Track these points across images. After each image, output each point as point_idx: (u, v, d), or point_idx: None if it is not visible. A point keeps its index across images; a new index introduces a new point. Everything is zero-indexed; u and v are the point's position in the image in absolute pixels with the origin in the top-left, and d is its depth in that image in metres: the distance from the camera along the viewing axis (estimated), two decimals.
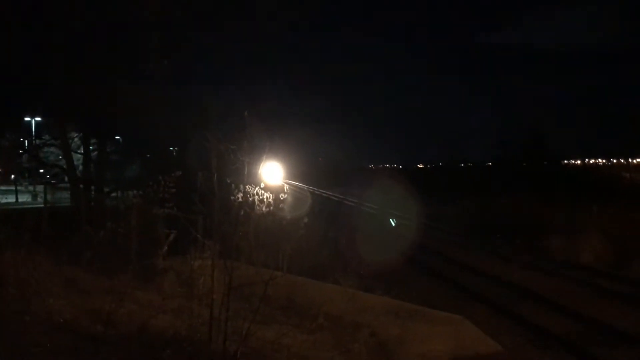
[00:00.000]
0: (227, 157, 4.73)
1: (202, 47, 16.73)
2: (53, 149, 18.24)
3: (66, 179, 17.94)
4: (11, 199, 31.22)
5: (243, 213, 4.82)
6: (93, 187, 16.78)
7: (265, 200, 6.07)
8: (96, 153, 17.68)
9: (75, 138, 17.53)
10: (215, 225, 4.62)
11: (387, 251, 15.40)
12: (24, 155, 20.07)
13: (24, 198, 31.60)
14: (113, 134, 19.07)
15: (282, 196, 6.37)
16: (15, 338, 3.76)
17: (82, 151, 17.63)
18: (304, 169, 62.11)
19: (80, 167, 17.55)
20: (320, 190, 48.65)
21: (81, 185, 16.50)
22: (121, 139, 20.22)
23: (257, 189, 5.87)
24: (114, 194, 18.04)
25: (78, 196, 15.48)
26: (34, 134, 22.35)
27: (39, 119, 23.09)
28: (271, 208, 6.07)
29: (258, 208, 5.57)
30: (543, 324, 8.93)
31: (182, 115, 16.30)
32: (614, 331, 8.55)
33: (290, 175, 42.86)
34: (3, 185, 30.13)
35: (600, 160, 69.22)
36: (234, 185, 4.90)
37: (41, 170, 22.43)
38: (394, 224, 22.84)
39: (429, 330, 6.18)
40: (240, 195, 4.90)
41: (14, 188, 32.43)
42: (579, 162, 59.52)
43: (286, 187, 6.87)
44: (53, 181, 20.61)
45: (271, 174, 11.05)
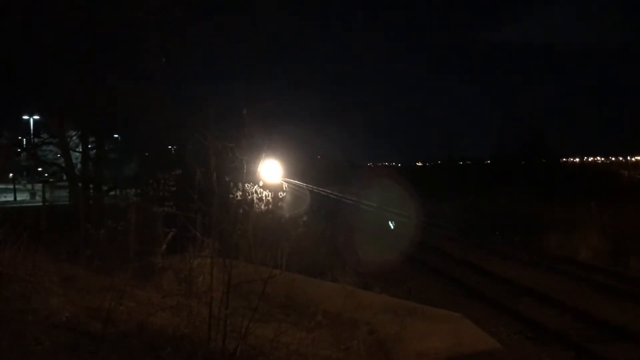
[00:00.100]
0: (226, 156, 4.74)
1: (201, 46, 16.72)
2: (51, 148, 18.25)
3: (65, 178, 17.95)
4: (9, 197, 31.27)
5: (242, 211, 4.82)
6: (91, 186, 16.78)
7: (264, 198, 6.08)
8: (95, 151, 17.68)
9: (74, 136, 17.54)
10: (214, 224, 4.63)
11: (386, 249, 15.45)
12: (23, 154, 20.06)
13: (22, 197, 31.63)
14: (111, 132, 19.08)
15: (281, 194, 6.38)
16: (15, 336, 3.77)
17: (81, 149, 17.64)
18: (303, 167, 62.09)
19: (79, 166, 17.55)
20: (319, 188, 48.65)
21: (80, 184, 16.51)
22: (119, 138, 20.24)
23: (256, 187, 5.88)
24: (113, 192, 18.05)
25: (76, 194, 15.48)
26: (32, 132, 22.37)
27: (37, 118, 23.10)
28: (270, 206, 6.08)
29: (257, 206, 5.58)
30: (541, 321, 8.96)
31: (181, 113, 16.30)
32: (612, 327, 8.58)
33: (289, 174, 42.83)
34: (1, 183, 30.11)
35: (599, 158, 69.38)
36: (232, 183, 4.90)
37: (39, 169, 22.42)
38: (392, 222, 22.86)
39: (428, 328, 6.20)
40: (239, 193, 4.90)
41: (12, 186, 32.47)
42: (578, 160, 59.60)
43: (285, 186, 6.89)
44: (51, 179, 20.61)
45: (270, 172, 11.05)
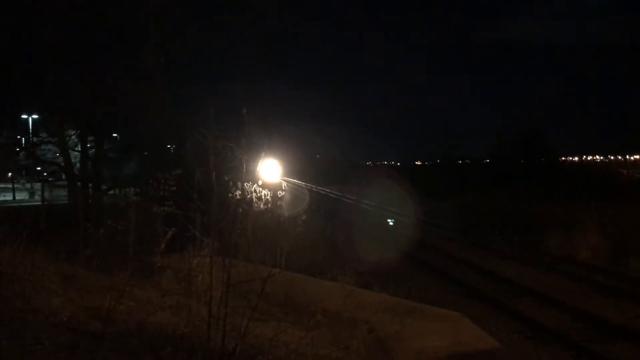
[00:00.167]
0: (225, 155, 4.73)
1: (201, 45, 16.72)
2: (50, 147, 18.24)
3: (64, 177, 17.94)
4: (8, 197, 31.21)
5: (241, 210, 4.81)
6: (90, 185, 16.77)
7: (263, 197, 6.09)
8: (94, 150, 17.68)
9: (73, 135, 17.54)
10: (214, 223, 4.62)
11: (385, 248, 15.44)
12: (21, 153, 20.05)
13: (21, 196, 31.58)
14: (111, 131, 19.08)
15: (280, 193, 6.39)
16: (15, 336, 3.76)
17: (80, 149, 17.63)
18: (302, 167, 62.12)
19: (78, 165, 17.55)
20: (318, 187, 48.70)
21: (79, 183, 16.49)
22: (119, 137, 20.24)
23: (255, 186, 5.88)
24: (112, 192, 18.04)
25: (76, 194, 15.46)
26: (31, 131, 22.35)
27: (36, 117, 23.08)
28: (269, 205, 6.08)
29: (256, 205, 5.58)
30: (541, 320, 8.96)
31: (180, 112, 16.30)
32: (612, 327, 8.58)
33: (288, 173, 42.81)
34: (0, 183, 30.06)
35: (598, 157, 69.29)
36: (232, 182, 4.90)
37: (38, 168, 22.42)
38: (391, 221, 22.86)
39: (427, 327, 6.20)
40: (239, 192, 4.90)
41: (11, 186, 32.44)
42: (577, 159, 59.53)
43: (284, 185, 6.88)
44: (50, 179, 20.61)
45: (269, 172, 11.04)
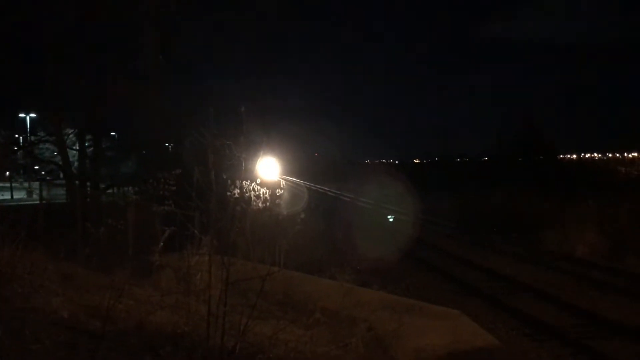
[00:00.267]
0: (224, 153, 4.73)
1: (199, 43, 16.70)
2: (48, 146, 18.20)
3: (62, 176, 17.91)
4: (7, 195, 31.20)
5: (239, 209, 4.81)
6: (89, 184, 16.75)
7: (262, 196, 6.09)
8: (92, 149, 17.65)
9: (71, 134, 17.50)
10: (212, 222, 4.62)
11: (384, 246, 15.44)
12: (19, 152, 20.01)
13: (19, 195, 31.57)
14: (109, 130, 19.05)
15: (279, 192, 6.38)
16: (15, 335, 3.76)
17: (78, 147, 17.60)
18: (301, 165, 62.16)
19: (76, 164, 17.52)
20: (317, 185, 48.73)
21: (77, 182, 16.47)
22: (117, 136, 20.21)
23: (254, 184, 5.87)
24: (110, 191, 18.03)
25: (74, 193, 15.45)
26: (29, 130, 22.30)
27: (33, 115, 23.03)
28: (268, 204, 6.08)
29: (255, 204, 5.58)
30: (539, 317, 8.99)
31: (179, 111, 16.27)
32: (610, 323, 8.62)
33: (286, 171, 42.86)
34: None
35: (596, 154, 69.48)
36: (230, 181, 4.89)
37: (36, 167, 22.38)
38: (390, 219, 22.89)
39: (426, 325, 6.21)
40: (237, 191, 4.90)
41: (9, 185, 32.44)
42: (575, 157, 59.66)
43: (283, 183, 6.87)
44: (48, 177, 20.58)
45: (268, 170, 11.05)
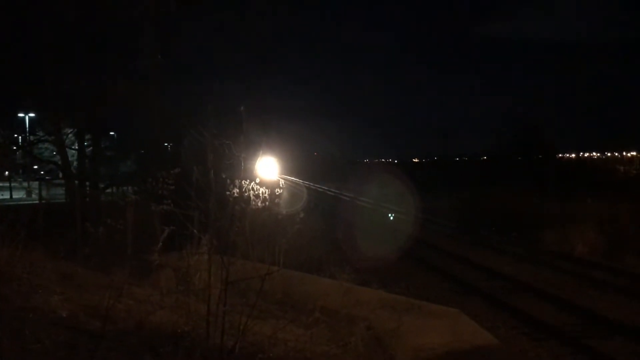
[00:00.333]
0: (223, 153, 4.73)
1: (199, 43, 16.67)
2: (47, 145, 18.17)
3: (61, 175, 17.89)
4: (6, 195, 31.17)
5: (239, 208, 4.81)
6: (88, 183, 16.73)
7: (261, 195, 6.07)
8: (91, 149, 17.63)
9: (70, 134, 17.47)
10: (212, 221, 4.62)
11: (383, 245, 15.46)
12: (18, 152, 19.98)
13: (18, 194, 31.53)
14: (108, 129, 19.03)
15: (278, 191, 6.37)
16: (14, 335, 3.77)
17: (77, 147, 17.57)
18: (300, 164, 62.11)
19: (75, 163, 17.49)
20: (316, 185, 48.73)
21: (76, 181, 16.46)
22: (116, 135, 20.19)
23: (253, 184, 5.87)
24: (109, 190, 18.01)
25: (73, 192, 15.43)
26: (28, 129, 22.26)
27: (32, 115, 22.99)
28: (267, 203, 6.07)
29: (254, 203, 5.56)
30: (538, 316, 9.00)
31: (178, 110, 16.25)
32: (609, 323, 8.63)
33: (286, 170, 42.80)
34: None
35: (595, 153, 69.47)
36: (229, 180, 4.90)
37: (35, 167, 22.34)
38: (389, 217, 22.90)
39: (425, 324, 6.22)
40: (236, 190, 4.90)
41: (8, 184, 32.41)
42: (574, 156, 59.62)
43: (282, 182, 6.86)
44: (48, 177, 20.55)
45: (267, 169, 11.05)
